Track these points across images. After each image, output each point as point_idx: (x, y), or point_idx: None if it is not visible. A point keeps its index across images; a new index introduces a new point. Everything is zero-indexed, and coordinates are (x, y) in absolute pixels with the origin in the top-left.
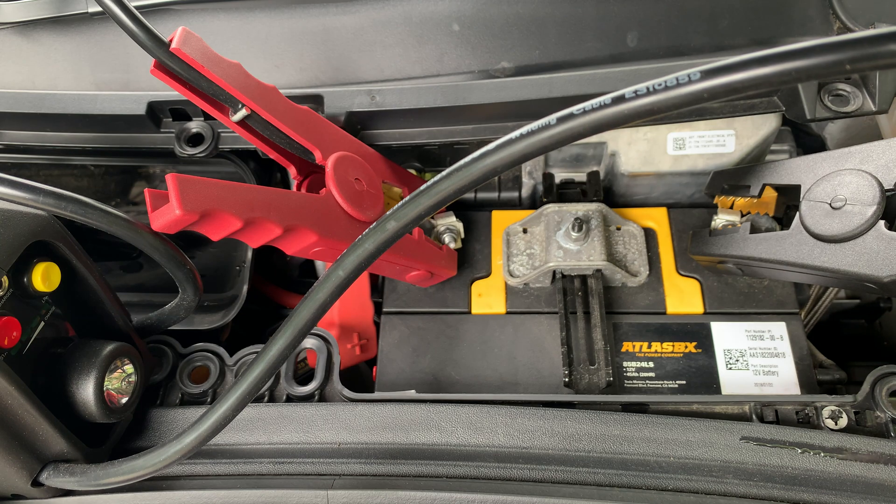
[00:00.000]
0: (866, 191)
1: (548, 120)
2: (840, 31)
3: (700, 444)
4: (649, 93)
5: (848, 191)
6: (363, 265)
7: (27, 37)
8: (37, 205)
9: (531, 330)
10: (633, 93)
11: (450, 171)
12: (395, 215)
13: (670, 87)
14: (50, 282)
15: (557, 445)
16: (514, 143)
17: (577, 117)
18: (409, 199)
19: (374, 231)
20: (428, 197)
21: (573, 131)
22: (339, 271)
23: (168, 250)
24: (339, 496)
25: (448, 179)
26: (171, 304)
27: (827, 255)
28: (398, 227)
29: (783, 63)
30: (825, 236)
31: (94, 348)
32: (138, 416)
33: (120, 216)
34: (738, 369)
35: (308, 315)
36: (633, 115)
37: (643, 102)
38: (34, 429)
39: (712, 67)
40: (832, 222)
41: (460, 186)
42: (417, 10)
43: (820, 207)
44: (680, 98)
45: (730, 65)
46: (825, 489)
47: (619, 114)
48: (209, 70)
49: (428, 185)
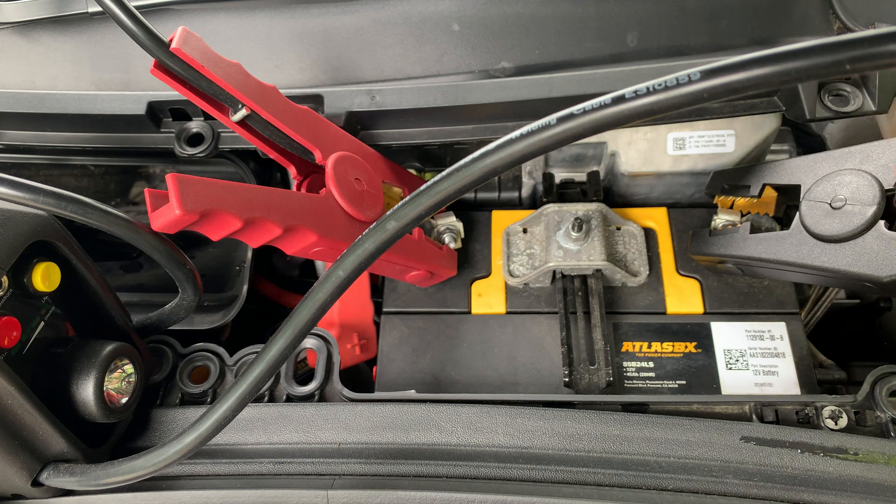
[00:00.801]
0: (866, 191)
1: (548, 120)
2: (840, 31)
3: (700, 444)
4: (649, 93)
5: (848, 191)
6: (363, 265)
7: (27, 37)
8: (37, 205)
9: (531, 330)
10: (633, 93)
11: (450, 171)
12: (396, 215)
13: (670, 87)
14: (50, 282)
15: (557, 445)
16: (514, 144)
17: (577, 117)
18: (409, 199)
19: (374, 231)
20: (428, 197)
21: (573, 131)
22: (339, 271)
23: (168, 250)
24: (339, 496)
25: (448, 179)
26: (171, 304)
27: (827, 255)
28: (398, 227)
29: (783, 63)
30: (825, 236)
31: (94, 348)
32: (138, 415)
33: (120, 216)
34: (738, 369)
35: (308, 315)
36: (633, 116)
37: (643, 102)
38: (34, 429)
39: (712, 67)
40: (832, 222)
41: (460, 186)
42: (417, 9)
43: (820, 207)
44: (680, 98)
45: (730, 65)
46: (825, 489)
47: (619, 114)
48: (209, 70)
49: (428, 185)
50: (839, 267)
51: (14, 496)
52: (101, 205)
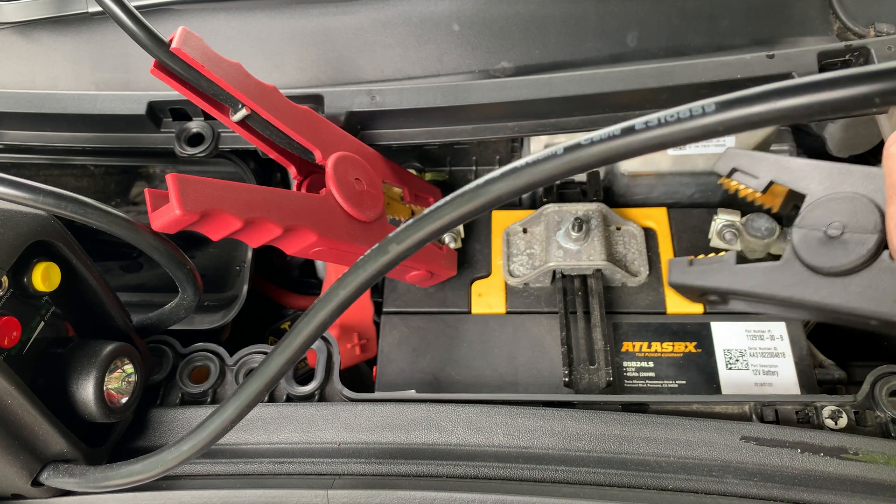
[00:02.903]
0: (866, 216)
1: (555, 150)
2: (840, 32)
3: (700, 444)
4: (660, 125)
5: (845, 216)
6: (364, 286)
7: (27, 37)
8: (37, 205)
9: (531, 330)
10: (644, 124)
11: (453, 196)
12: (398, 238)
13: (683, 120)
14: (50, 282)
15: (557, 445)
16: (520, 172)
17: (584, 148)
18: (412, 222)
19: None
20: (426, 224)
21: (580, 162)
22: (340, 290)
23: (168, 250)
24: (340, 496)
25: (451, 206)
26: (171, 304)
27: (826, 290)
28: (400, 250)
29: (805, 95)
30: (823, 269)
31: (94, 348)
32: (139, 415)
33: (120, 216)
34: (738, 369)
35: (308, 332)
36: (643, 148)
37: (653, 135)
38: (34, 429)
39: (728, 99)
40: (830, 253)
41: (462, 214)
42: (417, 10)
43: (814, 236)
44: (692, 131)
45: (748, 96)
46: (825, 489)
47: (627, 146)
48: (209, 70)
49: (428, 211)
50: (841, 304)
51: (14, 496)
52: (100, 205)
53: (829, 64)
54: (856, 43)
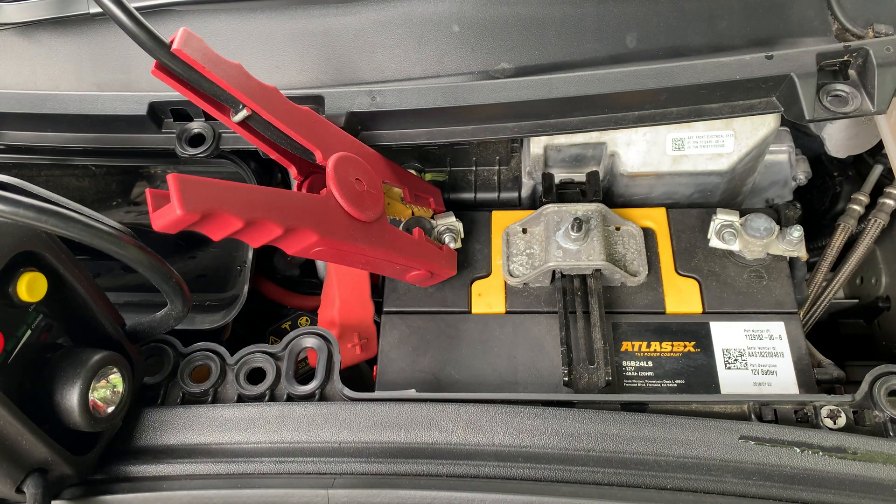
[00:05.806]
0: None
1: None
2: (839, 33)
3: (699, 444)
4: None
5: None
6: None
7: (28, 37)
8: (16, 218)
9: (531, 329)
10: None
11: None
12: None
13: None
14: (35, 292)
15: (557, 444)
16: None
17: None
18: None
19: None
20: None
21: None
22: None
23: (154, 263)
24: (340, 495)
25: None
26: (160, 313)
27: None
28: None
29: None
30: None
31: (81, 357)
32: (139, 415)
33: (103, 229)
34: (737, 369)
35: None
36: None
37: None
38: (17, 438)
39: None
40: None
41: None
42: (418, 11)
43: None
44: None
45: None
46: (824, 488)
47: None
48: (210, 71)
49: None
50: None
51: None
52: (83, 218)
53: (827, 64)
54: (854, 44)
